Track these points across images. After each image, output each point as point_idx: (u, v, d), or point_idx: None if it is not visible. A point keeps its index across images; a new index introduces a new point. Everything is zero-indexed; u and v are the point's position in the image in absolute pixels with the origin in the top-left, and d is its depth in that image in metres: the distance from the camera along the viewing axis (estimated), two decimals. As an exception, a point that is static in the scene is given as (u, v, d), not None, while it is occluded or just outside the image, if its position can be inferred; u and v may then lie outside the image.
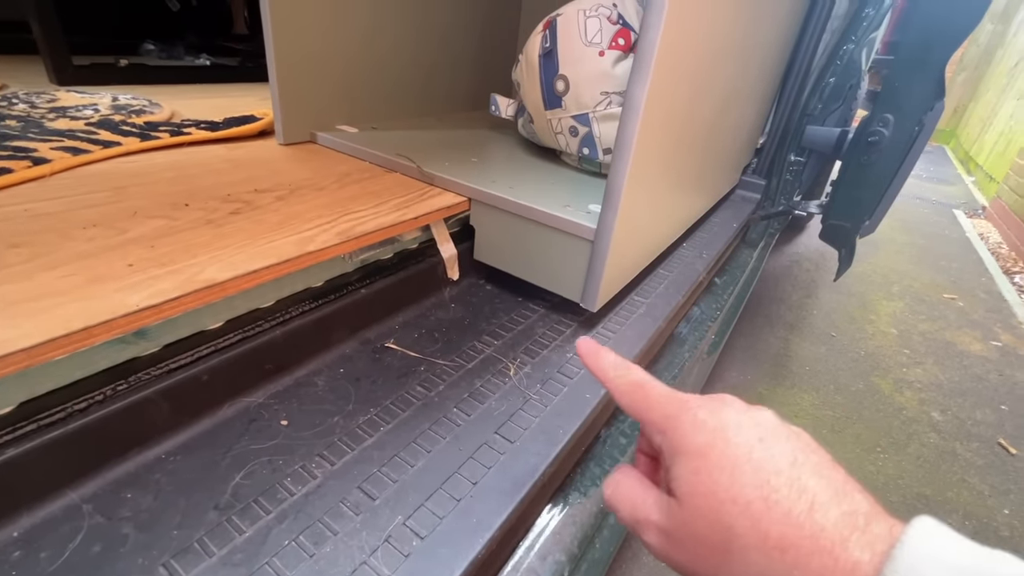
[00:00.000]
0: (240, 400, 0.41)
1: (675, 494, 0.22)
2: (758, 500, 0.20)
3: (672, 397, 0.25)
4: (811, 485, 0.20)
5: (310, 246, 0.44)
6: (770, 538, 0.19)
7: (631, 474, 0.27)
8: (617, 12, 0.62)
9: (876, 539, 0.18)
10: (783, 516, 0.19)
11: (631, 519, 0.25)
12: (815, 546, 0.19)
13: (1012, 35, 4.40)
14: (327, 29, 0.71)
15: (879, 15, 1.08)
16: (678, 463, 0.23)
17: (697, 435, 0.23)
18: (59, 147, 0.57)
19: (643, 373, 0.27)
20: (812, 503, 0.19)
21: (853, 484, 0.21)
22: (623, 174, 0.47)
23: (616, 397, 0.27)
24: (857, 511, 0.19)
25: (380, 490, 0.35)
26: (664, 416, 0.24)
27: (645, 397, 0.26)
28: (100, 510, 0.32)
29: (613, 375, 0.28)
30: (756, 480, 0.20)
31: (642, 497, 0.25)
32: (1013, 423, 1.33)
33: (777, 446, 0.22)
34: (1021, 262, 2.41)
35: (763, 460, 0.21)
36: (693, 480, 0.22)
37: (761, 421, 0.23)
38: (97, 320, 0.31)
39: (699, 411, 0.23)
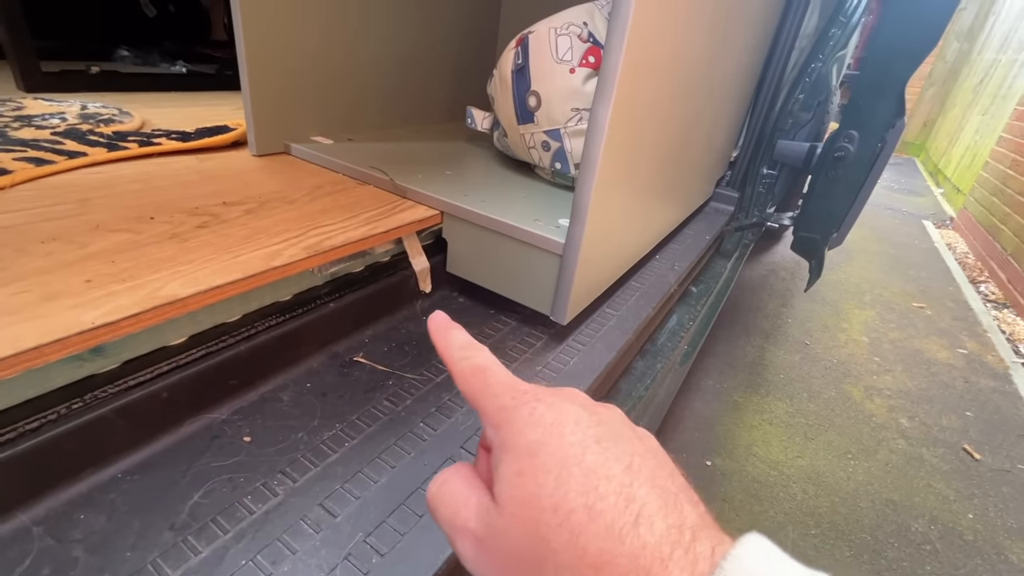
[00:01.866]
0: (202, 416, 0.41)
1: (496, 498, 0.20)
2: (581, 508, 0.18)
3: (513, 386, 0.22)
4: (641, 494, 0.18)
5: (276, 261, 0.44)
6: (587, 555, 0.18)
7: (460, 472, 0.24)
8: (588, 30, 0.64)
9: (699, 558, 0.17)
10: (605, 529, 0.18)
11: (449, 525, 0.22)
12: (633, 565, 0.17)
13: (977, 53, 4.59)
14: (301, 38, 0.71)
15: (845, 35, 1.12)
16: (504, 461, 0.20)
17: (530, 431, 0.20)
18: (22, 157, 0.56)
19: (489, 357, 0.24)
20: (638, 515, 0.18)
21: (688, 495, 0.19)
22: (590, 190, 0.48)
23: (457, 382, 0.24)
24: (684, 525, 0.18)
25: (342, 507, 0.35)
26: (499, 407, 0.22)
27: (484, 383, 0.23)
28: (51, 532, 0.31)
29: (458, 356, 0.25)
30: (584, 486, 0.18)
31: (464, 500, 0.22)
32: (977, 429, 1.38)
33: (614, 448, 0.20)
34: (986, 272, 2.50)
35: (595, 463, 0.19)
36: (516, 483, 0.20)
37: (605, 419, 0.21)
38: (49, 339, 0.31)
39: (537, 405, 0.21)
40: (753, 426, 1.29)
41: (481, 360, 0.24)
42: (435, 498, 0.23)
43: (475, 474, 0.24)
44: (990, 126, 3.39)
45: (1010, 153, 2.66)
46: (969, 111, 4.13)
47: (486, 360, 0.24)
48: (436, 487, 0.23)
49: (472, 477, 0.23)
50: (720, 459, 1.17)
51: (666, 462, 0.20)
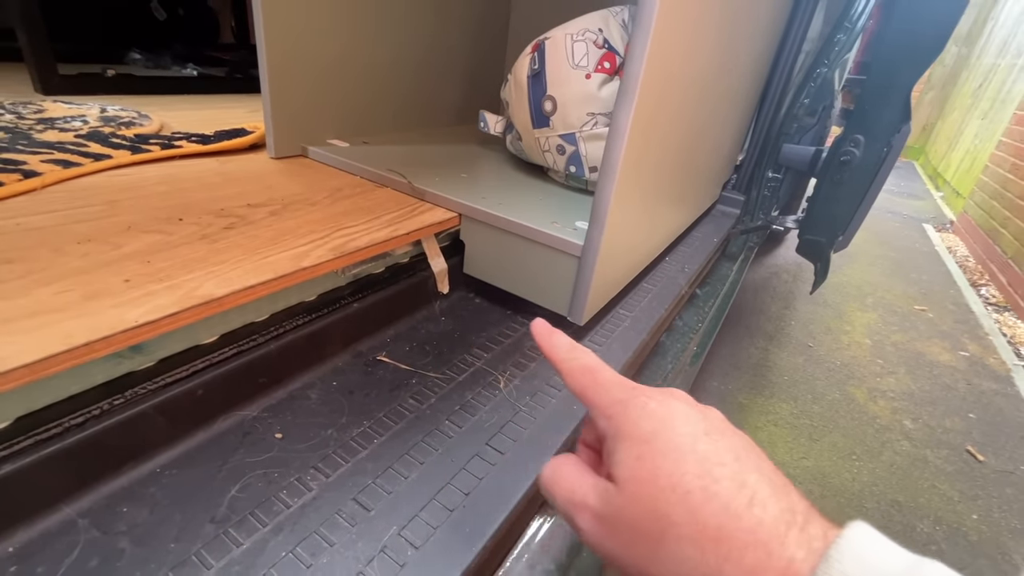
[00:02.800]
0: (235, 413, 0.42)
1: (615, 479, 0.22)
2: (698, 490, 0.20)
3: (622, 383, 0.25)
4: (752, 481, 0.20)
5: (305, 262, 0.45)
6: (707, 529, 0.19)
7: (571, 460, 0.26)
8: (603, 37, 0.65)
9: (812, 538, 0.18)
10: (722, 508, 0.19)
11: (566, 503, 0.24)
12: (751, 539, 0.18)
13: (976, 58, 4.62)
14: (321, 45, 0.72)
15: (850, 40, 1.14)
16: (621, 448, 0.22)
17: (644, 421, 0.22)
18: (49, 160, 0.57)
19: (594, 358, 0.27)
20: (752, 497, 0.19)
21: (792, 486, 0.21)
22: (609, 194, 0.49)
23: (566, 380, 0.27)
24: (796, 509, 0.19)
25: (375, 501, 0.36)
26: (612, 400, 0.24)
27: (594, 381, 0.26)
28: (96, 524, 0.32)
29: (565, 356, 0.27)
30: (699, 470, 0.20)
31: (579, 482, 0.24)
32: (980, 431, 1.39)
33: (723, 441, 0.22)
34: (987, 275, 2.51)
35: (708, 452, 0.21)
36: (635, 465, 0.21)
37: (709, 416, 0.23)
38: (97, 336, 0.32)
39: (648, 400, 0.23)
40: (758, 427, 1.30)
41: (588, 360, 0.27)
42: (551, 480, 0.25)
43: (583, 462, 0.26)
44: (989, 130, 3.42)
45: (1009, 157, 2.68)
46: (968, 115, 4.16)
47: (593, 360, 0.27)
48: (550, 471, 0.26)
49: (582, 464, 0.25)
50: (726, 460, 1.18)
51: (766, 458, 0.22)
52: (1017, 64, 3.36)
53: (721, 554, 0.19)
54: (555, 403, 0.48)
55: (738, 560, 0.18)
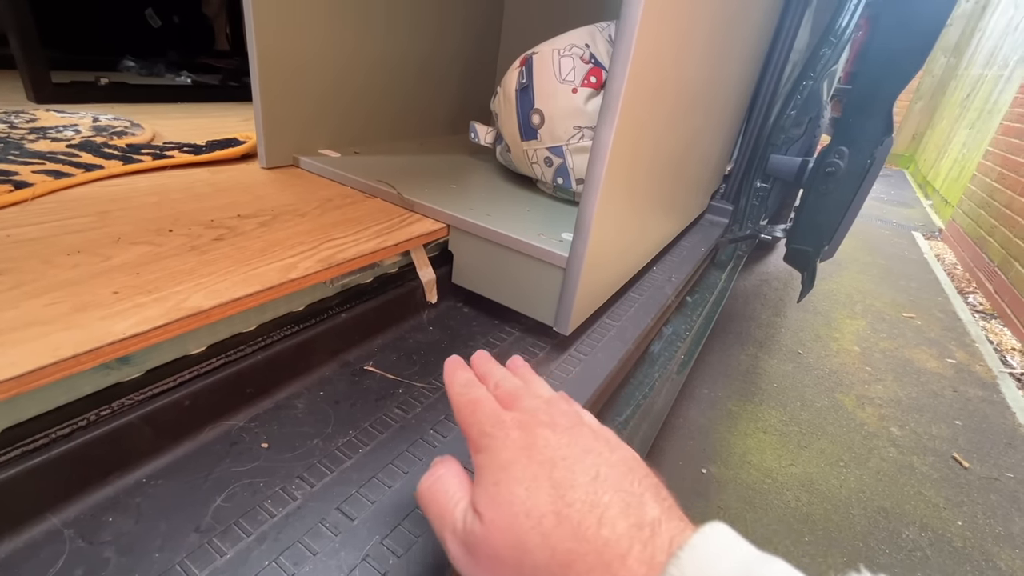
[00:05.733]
0: (221, 424, 0.42)
1: (477, 508, 0.23)
2: (551, 514, 0.20)
3: (494, 416, 0.26)
4: (605, 500, 0.20)
5: (293, 273, 0.46)
6: (558, 554, 0.20)
7: (453, 470, 0.26)
8: (589, 52, 0.66)
9: (656, 551, 0.19)
10: (572, 531, 0.20)
11: (438, 524, 0.25)
12: (597, 560, 0.19)
13: (964, 68, 4.69)
14: (313, 55, 0.73)
15: (835, 53, 1.16)
16: (482, 477, 0.23)
17: (504, 452, 0.23)
18: (40, 170, 0.57)
19: (483, 393, 0.28)
20: (601, 517, 0.20)
21: (655, 493, 0.21)
22: (593, 206, 0.50)
23: (455, 414, 0.28)
24: (643, 523, 0.20)
25: (358, 511, 0.37)
26: (481, 433, 0.25)
27: (472, 413, 0.26)
28: (81, 534, 0.33)
29: (459, 391, 0.29)
30: (551, 495, 0.21)
31: (454, 503, 0.24)
32: (966, 438, 1.40)
33: (581, 463, 0.22)
34: (974, 283, 2.54)
35: (561, 478, 0.21)
36: (492, 491, 0.22)
37: (573, 440, 0.23)
38: (85, 348, 0.32)
39: (511, 431, 0.24)
40: (747, 434, 1.31)
41: (475, 395, 0.28)
42: (427, 494, 0.26)
43: (467, 473, 0.26)
44: (977, 140, 3.47)
45: (996, 166, 2.72)
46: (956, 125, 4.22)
47: (479, 395, 0.28)
48: (429, 483, 0.26)
49: (464, 475, 0.26)
50: (715, 467, 1.19)
51: (636, 468, 0.23)
52: (1003, 75, 3.42)
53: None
54: (539, 412, 0.49)
55: None
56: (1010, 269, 2.21)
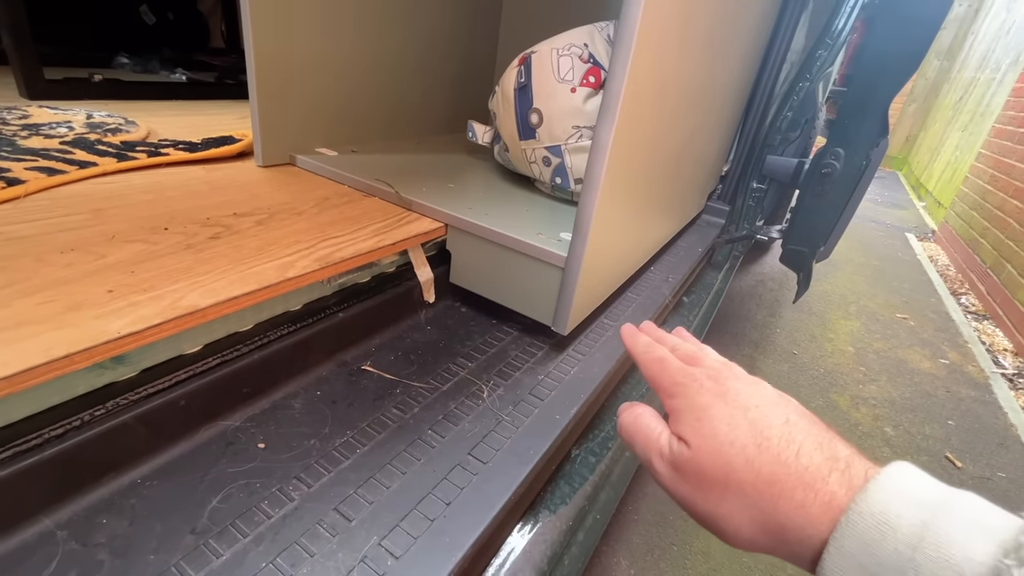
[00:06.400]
0: (217, 424, 0.42)
1: (683, 437, 0.26)
2: (752, 445, 0.24)
3: (682, 369, 0.30)
4: (799, 438, 0.24)
5: (290, 272, 0.45)
6: (762, 474, 0.23)
7: (648, 409, 0.31)
8: (588, 51, 0.66)
9: (854, 477, 0.22)
10: (773, 457, 0.23)
11: (646, 448, 0.28)
12: (799, 481, 0.22)
13: (957, 71, 4.73)
14: (310, 54, 0.73)
15: (831, 55, 1.16)
16: (684, 415, 0.27)
17: (700, 396, 0.27)
18: (34, 167, 0.57)
19: (666, 352, 0.32)
20: (799, 450, 0.23)
21: (839, 439, 0.24)
22: (592, 207, 0.50)
23: (641, 368, 0.33)
24: (838, 456, 0.23)
25: (356, 511, 0.37)
26: (674, 383, 0.29)
27: (662, 368, 0.31)
28: (75, 536, 0.32)
29: (642, 351, 0.33)
30: (751, 430, 0.24)
31: (657, 432, 0.28)
32: (959, 437, 1.41)
33: (772, 410, 0.26)
34: (967, 284, 2.56)
35: (758, 418, 0.25)
36: (697, 426, 0.26)
37: (758, 393, 0.27)
38: (78, 348, 0.32)
39: (705, 380, 0.28)
40: (743, 434, 1.31)
41: (659, 353, 0.32)
42: (632, 425, 0.30)
43: (659, 414, 0.30)
44: (969, 142, 3.50)
45: (988, 169, 2.74)
46: (949, 127, 4.25)
47: (663, 353, 0.32)
48: (632, 417, 0.31)
49: (657, 414, 0.30)
50: (711, 467, 1.19)
51: (817, 420, 0.26)
52: (995, 78, 3.45)
53: (775, 493, 0.23)
54: (537, 412, 0.49)
55: (790, 497, 0.22)
56: (1002, 271, 2.23)
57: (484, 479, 0.41)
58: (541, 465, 0.44)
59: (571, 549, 0.46)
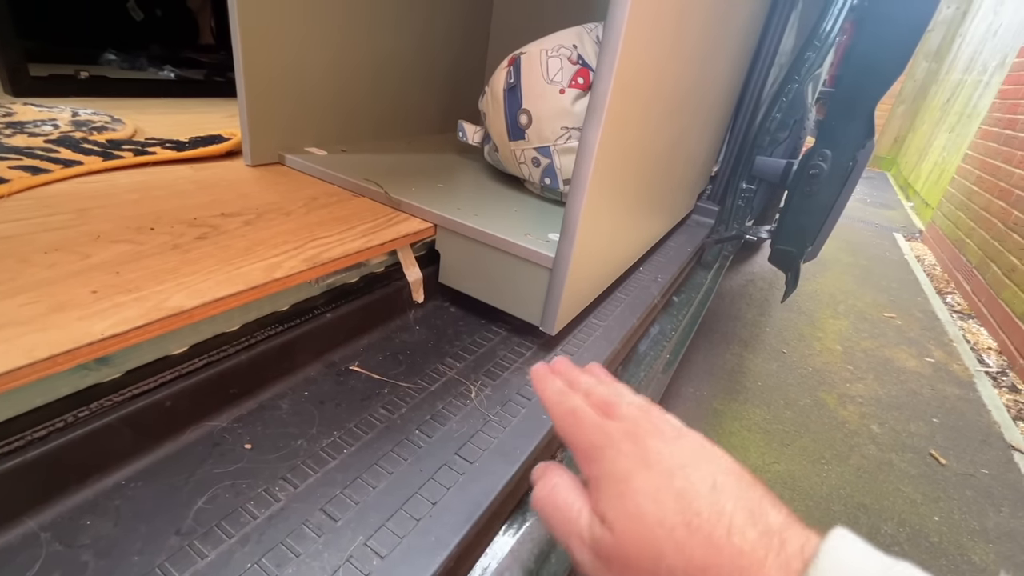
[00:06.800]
0: (204, 424, 0.42)
1: (604, 518, 0.24)
2: (681, 526, 0.21)
3: (600, 428, 0.26)
4: (729, 508, 0.21)
5: (277, 272, 0.45)
6: (694, 560, 0.21)
7: (565, 478, 0.27)
8: (577, 53, 0.66)
9: (791, 559, 0.20)
10: (705, 539, 0.21)
11: (564, 532, 0.25)
12: (734, 567, 0.20)
13: (944, 73, 4.79)
14: (299, 52, 0.73)
15: (819, 57, 1.17)
16: (604, 489, 0.24)
17: (621, 462, 0.24)
18: (17, 166, 0.56)
19: (580, 402, 0.28)
20: (730, 526, 0.21)
21: (769, 500, 0.22)
22: (579, 207, 0.50)
23: (554, 424, 0.29)
24: (772, 531, 0.21)
25: (342, 512, 0.37)
26: (591, 445, 0.26)
27: (575, 424, 0.27)
28: (59, 538, 0.32)
29: (555, 401, 0.29)
30: (679, 505, 0.22)
31: (576, 511, 0.25)
32: (943, 435, 1.44)
33: (697, 472, 0.23)
34: (953, 283, 2.60)
35: (684, 489, 0.22)
36: (619, 503, 0.23)
37: (680, 451, 0.24)
38: (60, 349, 0.32)
39: (622, 442, 0.25)
40: (732, 432, 1.33)
41: (573, 404, 0.28)
42: (546, 502, 0.27)
43: (579, 481, 0.27)
44: (956, 143, 3.54)
45: (975, 170, 2.78)
46: (937, 128, 4.31)
47: (577, 404, 0.28)
48: (546, 491, 0.27)
49: (578, 484, 0.27)
50: (700, 465, 1.20)
51: (743, 475, 0.24)
52: (982, 80, 3.50)
53: None
54: (525, 412, 0.49)
55: None
56: (987, 270, 2.26)
57: (471, 479, 0.41)
58: (528, 465, 0.44)
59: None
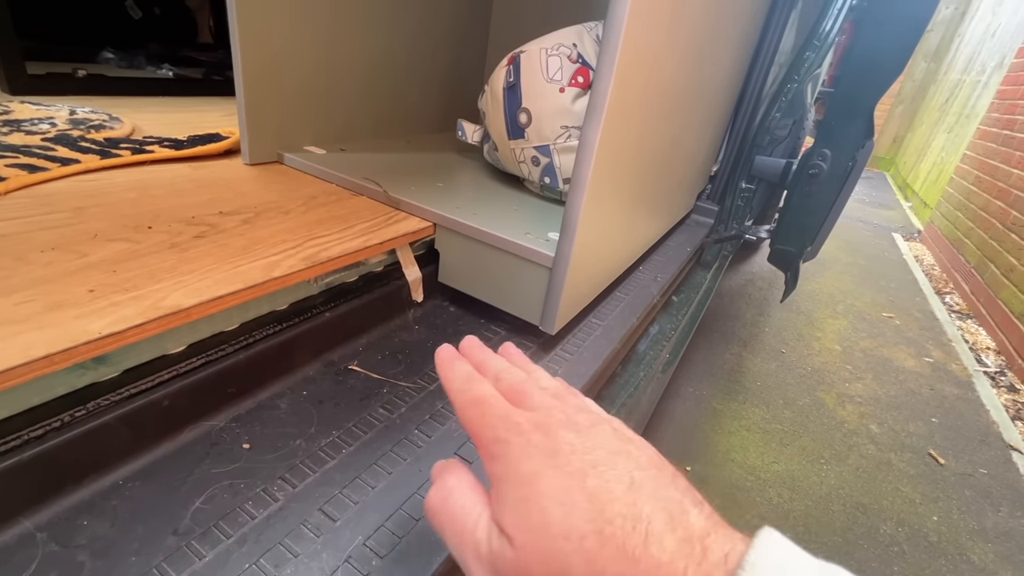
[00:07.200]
0: (201, 424, 0.41)
1: (504, 528, 0.20)
2: (592, 534, 0.18)
3: (506, 418, 0.23)
4: (647, 511, 0.19)
5: (276, 271, 0.45)
6: None
7: (465, 480, 0.24)
8: (577, 51, 0.66)
9: (713, 567, 0.18)
10: (617, 551, 0.18)
11: (457, 543, 0.22)
12: None
13: (943, 73, 4.79)
14: (297, 50, 0.72)
15: (819, 57, 1.17)
16: (505, 490, 0.21)
17: (525, 461, 0.21)
18: (14, 164, 0.56)
19: (487, 389, 0.25)
20: (647, 534, 0.18)
21: (691, 499, 0.20)
22: (579, 207, 0.50)
23: (457, 413, 0.25)
24: (692, 537, 0.18)
25: (341, 512, 0.36)
26: (494, 439, 0.22)
27: (480, 415, 0.23)
28: (55, 538, 0.32)
29: (458, 387, 0.25)
30: (589, 512, 0.19)
31: (473, 517, 0.22)
32: (942, 435, 1.44)
33: (613, 469, 0.20)
34: (951, 283, 2.61)
35: (596, 488, 0.19)
36: (521, 510, 0.20)
37: (596, 444, 0.21)
38: (57, 348, 0.32)
39: (531, 434, 0.22)
40: (731, 432, 1.33)
41: (479, 392, 0.25)
42: (440, 509, 0.23)
43: (479, 483, 0.24)
44: (955, 143, 3.55)
45: (973, 170, 2.79)
46: (935, 129, 4.31)
47: (483, 392, 0.24)
48: (441, 497, 0.24)
49: (477, 485, 0.24)
50: (699, 465, 1.20)
51: (665, 469, 0.21)
52: (981, 81, 3.50)
53: None
54: (525, 412, 0.49)
55: None
56: (985, 270, 2.26)
57: (470, 478, 0.41)
58: (527, 464, 0.44)
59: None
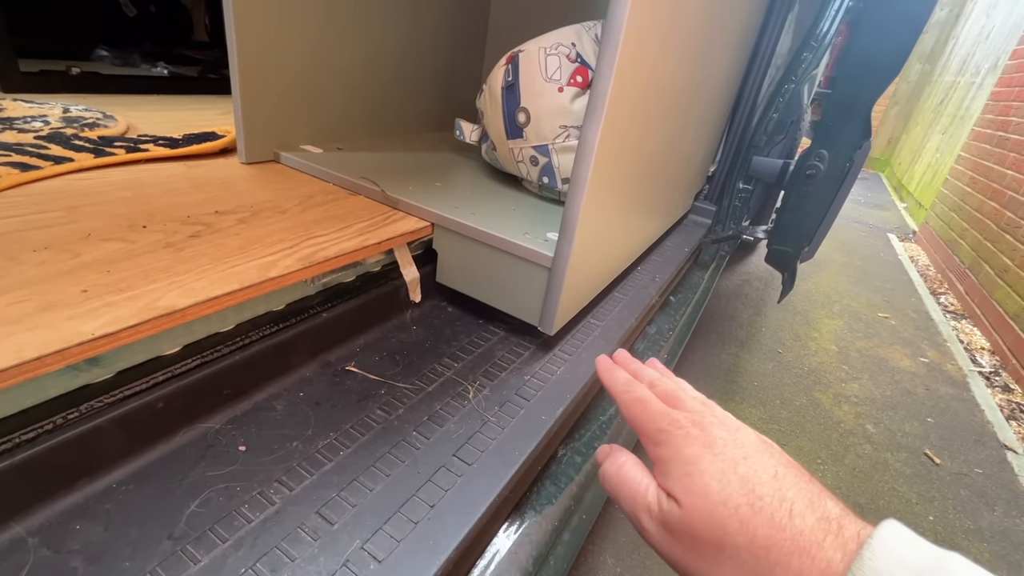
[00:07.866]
0: (197, 426, 0.41)
1: (672, 494, 0.25)
2: (745, 505, 0.23)
3: (667, 415, 0.28)
4: (790, 495, 0.23)
5: (272, 271, 0.45)
6: (757, 538, 0.22)
7: (631, 458, 0.29)
8: (576, 51, 0.66)
9: (847, 540, 0.21)
10: (767, 519, 0.22)
11: (632, 504, 0.27)
12: (795, 546, 0.22)
13: (938, 75, 4.82)
14: (293, 49, 0.72)
15: (816, 58, 1.18)
16: (672, 469, 0.26)
17: (687, 448, 0.26)
18: (6, 162, 0.55)
19: (646, 392, 0.31)
20: (791, 510, 0.23)
21: (827, 494, 0.24)
22: (578, 207, 0.50)
23: (621, 410, 0.31)
24: (830, 517, 0.22)
25: (339, 515, 0.36)
26: (658, 429, 0.28)
27: (644, 411, 0.29)
28: (47, 543, 0.31)
29: (622, 389, 0.31)
30: (743, 488, 0.24)
31: (644, 486, 0.27)
32: (937, 435, 1.44)
33: (760, 462, 0.25)
34: (946, 284, 2.62)
35: (748, 474, 0.24)
36: (687, 482, 0.25)
37: (743, 442, 0.26)
38: (50, 349, 0.31)
39: (690, 428, 0.27)
40: (728, 432, 1.33)
41: (640, 393, 0.31)
42: (616, 478, 0.29)
43: (641, 461, 0.29)
44: (949, 145, 3.57)
45: (967, 171, 2.80)
46: (930, 130, 4.34)
47: (644, 393, 0.30)
48: (615, 468, 0.29)
49: (641, 464, 0.29)
50: (697, 465, 1.20)
51: (803, 469, 0.25)
52: (975, 82, 3.52)
53: (772, 559, 0.22)
54: (523, 413, 0.49)
55: (787, 564, 0.22)
56: (980, 271, 2.28)
57: (469, 481, 0.40)
58: (527, 466, 0.44)
59: (557, 549, 0.46)
